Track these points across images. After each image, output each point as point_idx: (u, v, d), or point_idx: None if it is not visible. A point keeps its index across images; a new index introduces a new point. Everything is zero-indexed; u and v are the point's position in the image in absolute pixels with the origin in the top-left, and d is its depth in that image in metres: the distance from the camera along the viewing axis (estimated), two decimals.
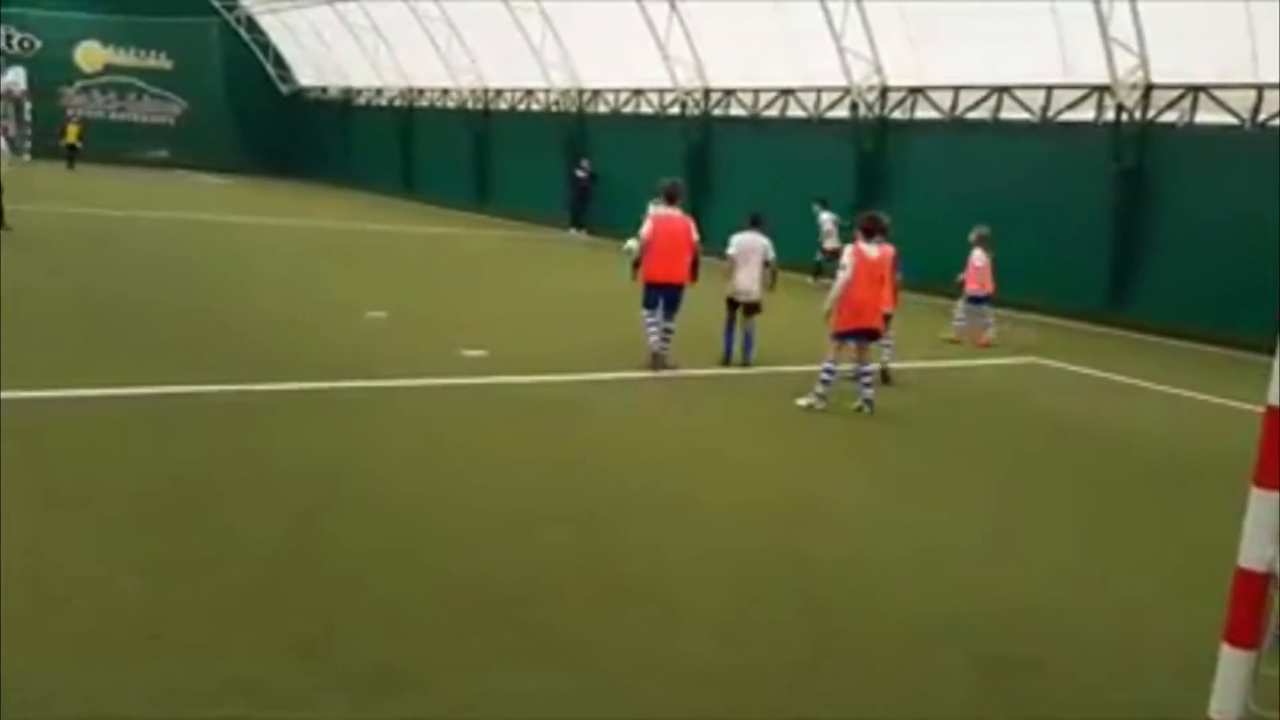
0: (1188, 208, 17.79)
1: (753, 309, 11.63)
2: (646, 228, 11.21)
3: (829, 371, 10.01)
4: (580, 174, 28.86)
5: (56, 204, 22.94)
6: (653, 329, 11.16)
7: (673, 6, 25.45)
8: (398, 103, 38.90)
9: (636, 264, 11.42)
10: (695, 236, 11.35)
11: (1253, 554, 3.35)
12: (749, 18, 23.57)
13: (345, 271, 18.05)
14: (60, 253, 16.85)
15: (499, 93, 34.04)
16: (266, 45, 44.48)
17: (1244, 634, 3.36)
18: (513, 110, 33.79)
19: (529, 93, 32.80)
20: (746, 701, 4.44)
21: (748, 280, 11.48)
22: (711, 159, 26.45)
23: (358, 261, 19.84)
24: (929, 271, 20.80)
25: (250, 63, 44.23)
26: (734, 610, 5.37)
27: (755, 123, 25.84)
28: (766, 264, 11.58)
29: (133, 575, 5.10)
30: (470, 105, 35.01)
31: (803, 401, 10.03)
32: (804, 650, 4.99)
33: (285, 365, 10.07)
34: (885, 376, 11.27)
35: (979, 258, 15.36)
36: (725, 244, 11.81)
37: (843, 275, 10.06)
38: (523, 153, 32.19)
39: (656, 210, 11.54)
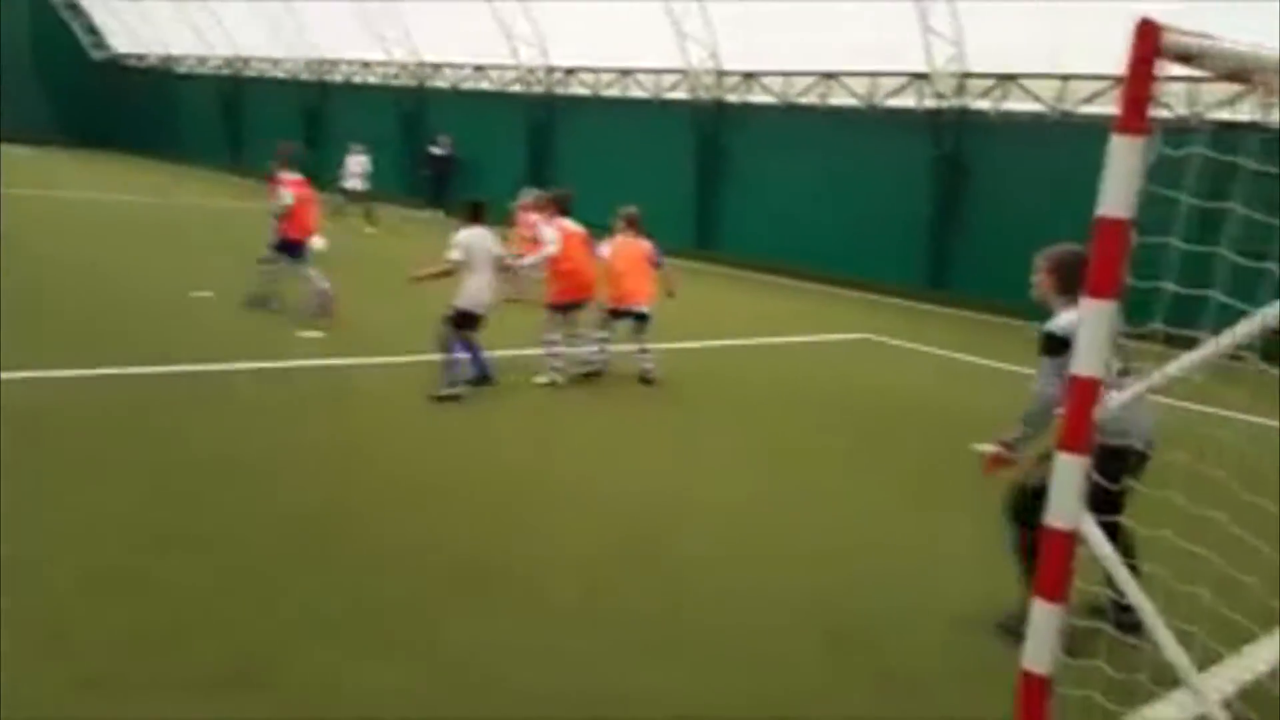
0: (1000, 191, 18.86)
1: (480, 322, 9.61)
2: (291, 196, 12.33)
3: (552, 342, 10.13)
4: (438, 151, 28.01)
5: None
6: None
7: None
8: (224, 72, 37.25)
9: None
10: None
11: (1060, 514, 3.65)
12: None
13: (166, 248, 17.26)
14: None
15: (334, 64, 33.03)
16: (76, 9, 41.81)
17: (1054, 589, 3.66)
18: (349, 83, 32.85)
19: (366, 65, 31.94)
20: (601, 679, 4.53)
21: (485, 288, 9.47)
22: (555, 138, 26.44)
23: (180, 238, 18.98)
24: (764, 250, 21.62)
25: (59, 29, 41.50)
26: (585, 593, 5.47)
27: (598, 103, 25.92)
28: (504, 265, 9.85)
29: None
30: (303, 77, 33.87)
31: (541, 379, 9.99)
32: (658, 628, 5.13)
33: (106, 349, 9.63)
34: (646, 378, 10.54)
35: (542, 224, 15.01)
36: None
37: (548, 250, 10.18)
38: (360, 128, 31.30)
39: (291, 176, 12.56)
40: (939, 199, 19.63)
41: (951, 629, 5.34)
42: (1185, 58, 3.34)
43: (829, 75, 21.44)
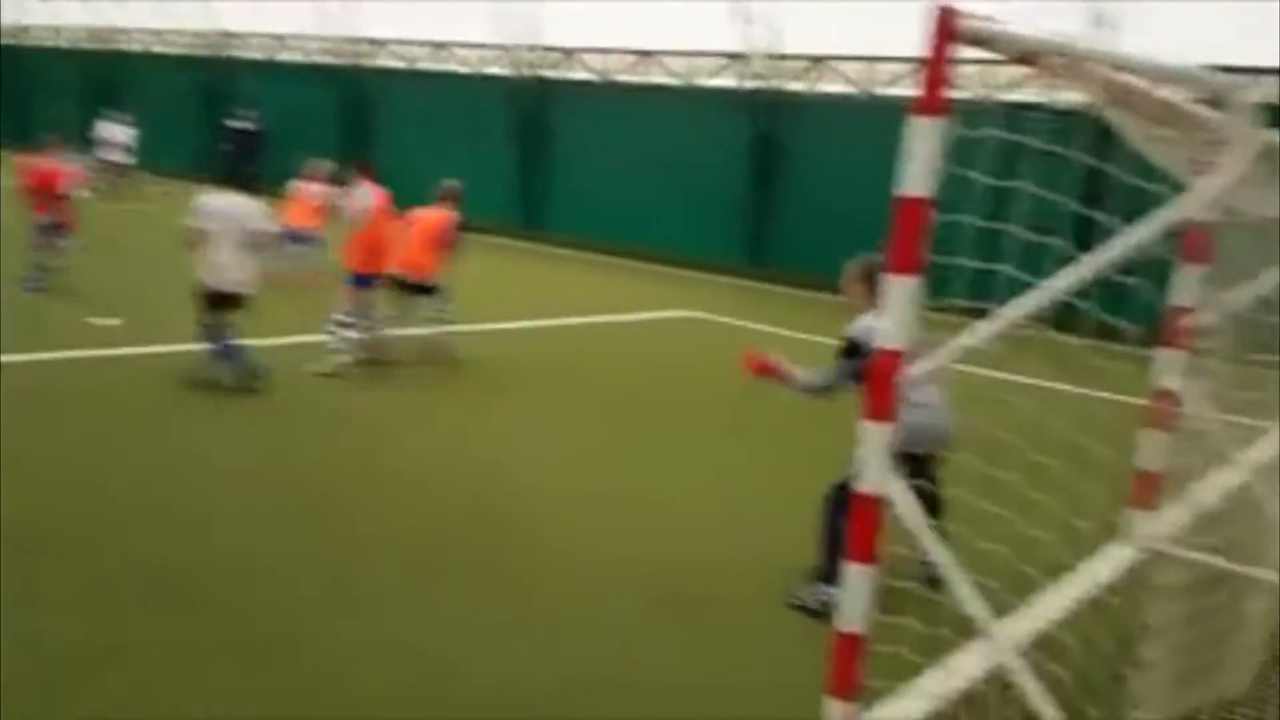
0: (815, 170, 19.49)
1: (234, 302, 8.49)
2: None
3: (344, 324, 9.24)
4: (238, 125, 26.58)
5: None
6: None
7: None
8: (6, 42, 34.44)
9: None
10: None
11: (868, 480, 3.80)
12: None
13: None
14: None
15: (124, 32, 31.04)
16: None
17: (865, 551, 3.82)
18: (146, 53, 30.96)
19: (158, 34, 30.16)
20: (438, 668, 4.46)
21: (228, 264, 8.33)
22: (370, 113, 25.66)
23: None
24: (589, 228, 21.65)
25: None
26: (410, 579, 5.38)
27: (413, 76, 25.33)
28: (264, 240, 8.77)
29: None
30: (89, 46, 31.72)
31: (315, 368, 8.96)
32: (492, 610, 5.09)
33: None
34: (444, 355, 10.25)
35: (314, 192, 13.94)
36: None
37: (362, 217, 9.43)
38: (160, 102, 29.55)
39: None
40: (757, 178, 20.12)
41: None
42: (979, 41, 3.51)
43: (648, 54, 21.62)
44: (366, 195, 9.62)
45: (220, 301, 8.32)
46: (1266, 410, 5.32)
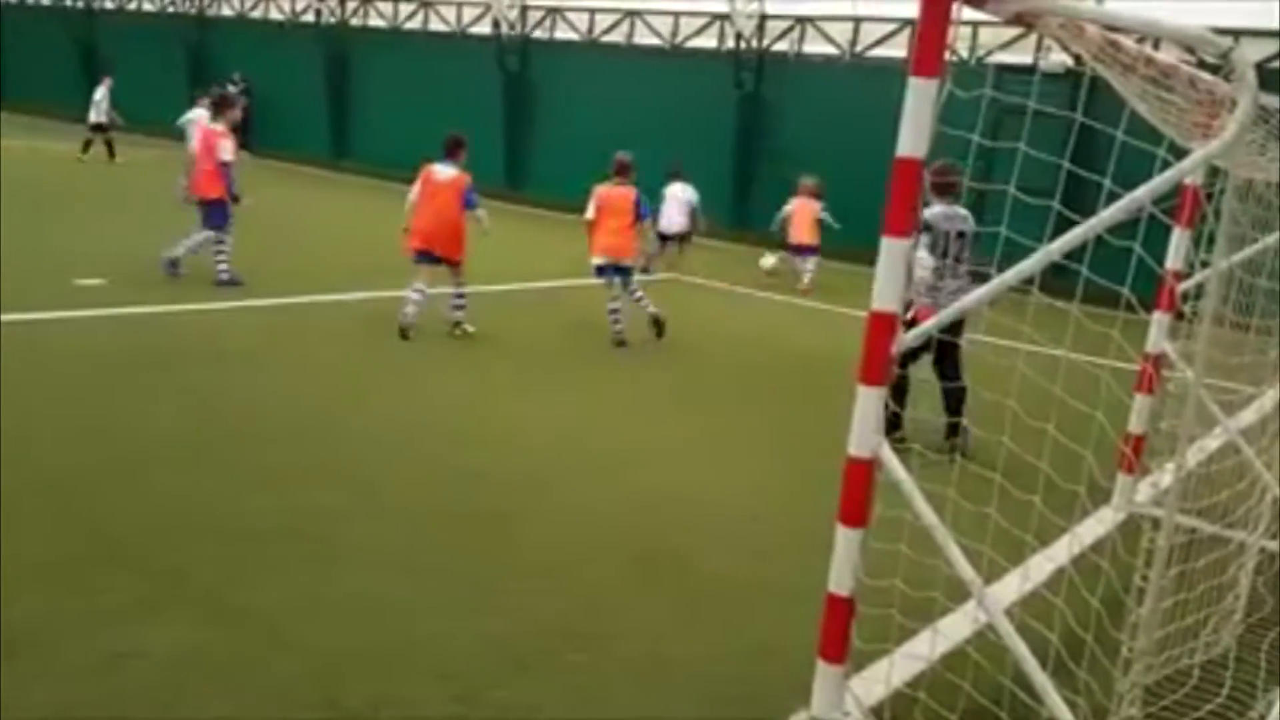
0: (800, 132, 19.36)
1: None
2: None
3: (417, 291, 9.70)
4: (233, 89, 26.29)
5: None
6: None
7: None
8: None
9: None
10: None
11: (860, 444, 3.79)
12: None
13: None
14: None
15: None
16: None
17: (855, 515, 3.81)
18: (121, 10, 30.46)
19: None
20: (425, 626, 4.46)
21: None
22: (352, 72, 25.35)
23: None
24: (574, 190, 21.45)
25: None
26: (404, 537, 5.36)
27: (396, 34, 25.02)
28: None
29: None
30: (69, 3, 31.18)
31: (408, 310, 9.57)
32: (481, 568, 5.09)
33: None
34: (657, 325, 10.82)
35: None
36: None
37: (413, 189, 9.85)
38: (141, 60, 29.08)
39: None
40: (741, 138, 20.01)
41: (757, 558, 5.55)
42: (975, 2, 3.46)
43: (633, 13, 21.43)
44: None
45: None
46: (1255, 374, 5.34)
